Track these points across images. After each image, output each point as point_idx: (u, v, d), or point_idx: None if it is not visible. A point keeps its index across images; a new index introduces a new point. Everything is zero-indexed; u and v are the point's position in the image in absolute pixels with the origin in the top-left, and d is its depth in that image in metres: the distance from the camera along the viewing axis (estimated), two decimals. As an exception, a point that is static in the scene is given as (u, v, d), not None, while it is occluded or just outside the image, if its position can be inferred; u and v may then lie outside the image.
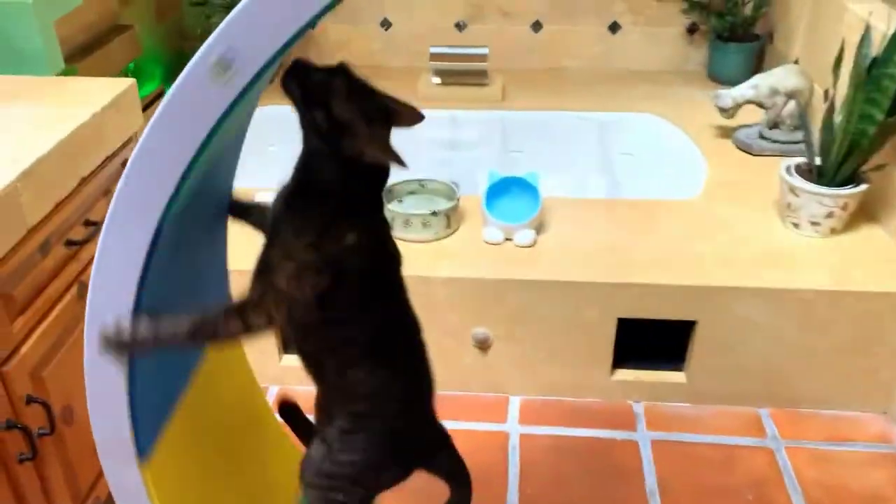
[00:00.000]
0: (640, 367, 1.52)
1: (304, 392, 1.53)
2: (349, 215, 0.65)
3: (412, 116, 0.65)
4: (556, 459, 1.39)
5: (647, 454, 1.40)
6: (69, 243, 1.04)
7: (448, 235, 1.51)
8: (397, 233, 1.49)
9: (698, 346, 1.45)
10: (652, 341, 1.53)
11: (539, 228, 1.52)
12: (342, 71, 0.61)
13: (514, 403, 1.52)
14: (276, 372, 1.54)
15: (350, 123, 0.61)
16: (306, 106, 0.62)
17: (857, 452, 1.40)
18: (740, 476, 1.35)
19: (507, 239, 1.49)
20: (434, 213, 1.47)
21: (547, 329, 1.46)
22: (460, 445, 1.40)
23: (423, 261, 1.45)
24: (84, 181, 1.08)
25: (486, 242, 1.49)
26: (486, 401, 1.53)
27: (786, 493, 1.31)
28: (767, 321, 1.40)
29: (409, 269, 1.42)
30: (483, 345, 1.48)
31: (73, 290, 1.05)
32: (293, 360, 1.56)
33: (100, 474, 1.18)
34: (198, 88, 0.55)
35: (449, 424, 1.45)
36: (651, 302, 1.41)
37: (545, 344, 1.48)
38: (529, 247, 1.48)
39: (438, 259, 1.45)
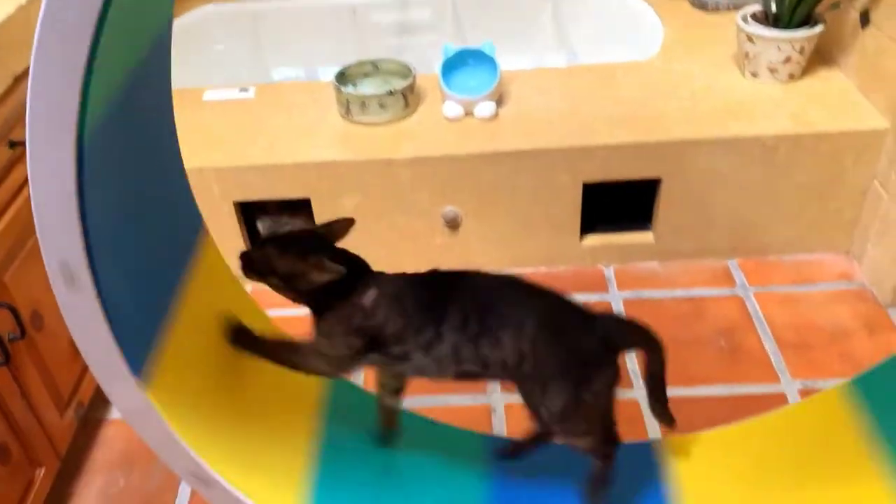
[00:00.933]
0: (608, 232, 1.54)
1: (275, 316, 1.53)
2: (353, 291, 0.75)
3: (344, 226, 0.78)
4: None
5: (619, 312, 1.43)
6: (12, 144, 1.00)
7: (407, 116, 1.48)
8: (355, 116, 1.46)
9: (664, 204, 1.46)
10: (619, 205, 1.54)
11: (499, 101, 1.49)
12: (268, 240, 0.75)
13: (488, 279, 1.54)
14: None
15: (293, 271, 0.72)
16: (263, 279, 0.74)
17: (823, 292, 1.44)
18: (712, 325, 1.39)
19: (468, 114, 1.46)
20: (390, 93, 1.43)
21: (515, 201, 1.45)
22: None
23: (384, 143, 1.42)
24: (19, 79, 1.03)
25: (447, 119, 1.46)
26: (460, 279, 1.54)
27: (756, 336, 1.35)
28: (731, 171, 1.41)
29: (370, 153, 1.40)
30: (453, 223, 1.48)
31: (25, 191, 1.02)
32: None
33: (80, 379, 1.18)
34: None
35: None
36: (615, 163, 1.40)
37: (514, 216, 1.48)
38: (490, 119, 1.45)
39: (399, 140, 1.43)
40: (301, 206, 1.49)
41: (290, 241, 0.74)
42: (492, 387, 1.32)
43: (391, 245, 1.50)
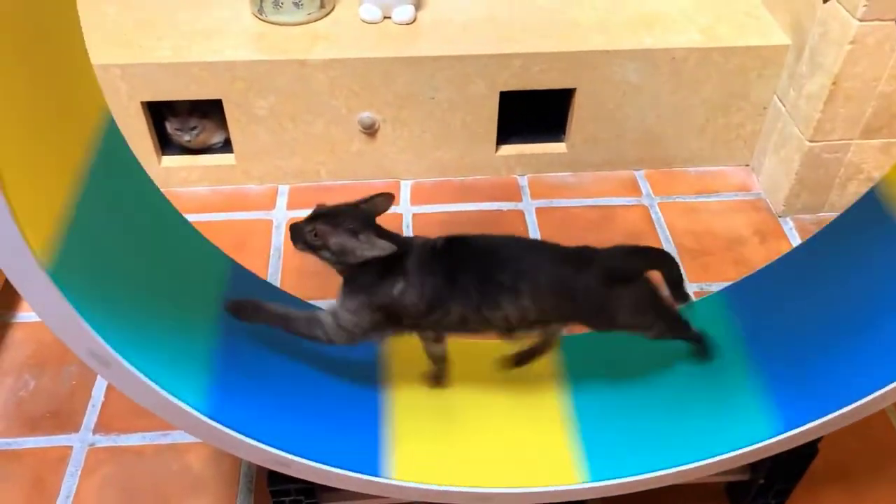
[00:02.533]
0: (523, 142, 1.57)
1: (186, 193, 1.51)
2: (388, 276, 0.79)
3: (385, 202, 0.80)
4: (448, 231, 1.44)
5: (531, 220, 1.47)
6: None
7: (323, 17, 1.44)
8: (268, 15, 1.41)
9: (577, 115, 1.49)
10: (533, 116, 1.57)
11: (417, 5, 1.47)
12: (319, 214, 0.78)
13: (406, 187, 1.55)
14: (157, 175, 1.50)
15: (345, 247, 0.76)
16: (314, 252, 0.78)
17: (722, 202, 1.52)
18: (618, 231, 1.45)
19: (386, 17, 1.44)
20: (306, -8, 1.39)
21: (433, 109, 1.46)
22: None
23: (298, 44, 1.39)
24: None
25: (364, 21, 1.43)
26: (378, 187, 1.54)
27: (658, 242, 1.42)
28: (642, 83, 1.45)
29: (283, 54, 1.37)
30: (370, 129, 1.47)
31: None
32: (173, 161, 1.52)
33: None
34: None
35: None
36: (532, 72, 1.42)
37: (432, 125, 1.48)
38: (409, 24, 1.44)
39: (314, 42, 1.39)
40: (211, 108, 1.45)
41: (342, 217, 0.77)
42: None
43: (307, 151, 1.49)
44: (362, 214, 0.79)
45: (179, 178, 1.51)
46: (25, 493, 1.05)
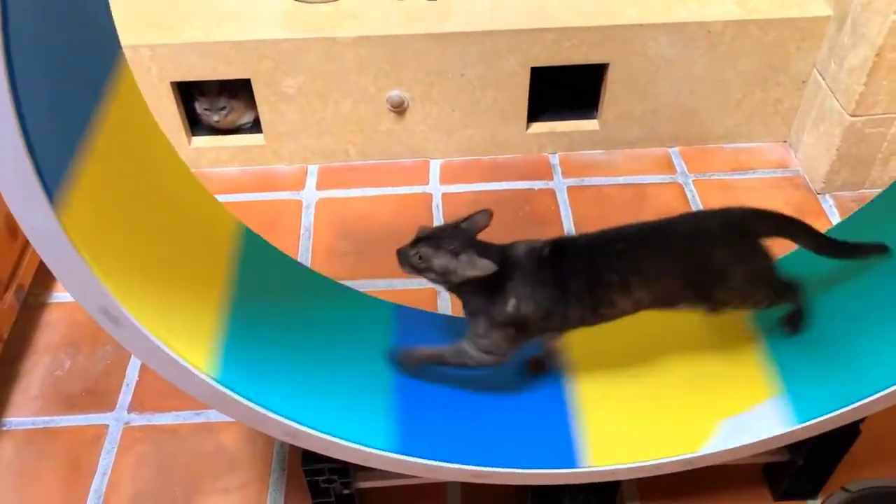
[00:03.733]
0: (554, 119, 1.54)
1: (216, 173, 1.51)
2: (498, 292, 0.82)
3: (484, 219, 0.82)
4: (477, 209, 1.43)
5: (563, 199, 1.45)
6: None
7: (351, -6, 1.43)
8: (297, -6, 1.40)
9: (610, 91, 1.46)
10: (566, 92, 1.54)
11: (446, -20, 1.45)
12: (421, 238, 0.82)
13: (435, 166, 1.53)
14: (187, 155, 1.50)
15: (448, 268, 0.80)
16: (421, 274, 0.82)
17: (759, 179, 1.49)
18: (651, 210, 1.42)
19: (414, -7, 1.42)
20: (334, -31, 1.37)
21: (463, 86, 1.44)
22: (386, 209, 1.44)
23: (327, 22, 1.37)
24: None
25: (392, -2, 1.42)
26: (407, 166, 1.53)
27: (693, 221, 1.40)
28: (677, 58, 1.41)
29: (312, 32, 1.36)
30: (399, 108, 1.46)
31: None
32: (202, 142, 1.52)
33: (19, 261, 1.16)
34: None
35: (373, 191, 1.48)
36: (564, 47, 1.39)
37: (461, 102, 1.46)
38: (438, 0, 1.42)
39: (343, 20, 1.38)
40: (240, 88, 1.44)
41: (443, 239, 0.81)
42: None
43: (336, 131, 1.48)
44: (463, 234, 0.82)
45: (209, 158, 1.51)
46: (63, 470, 1.06)
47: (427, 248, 0.81)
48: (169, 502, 1.03)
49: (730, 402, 0.89)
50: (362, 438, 0.82)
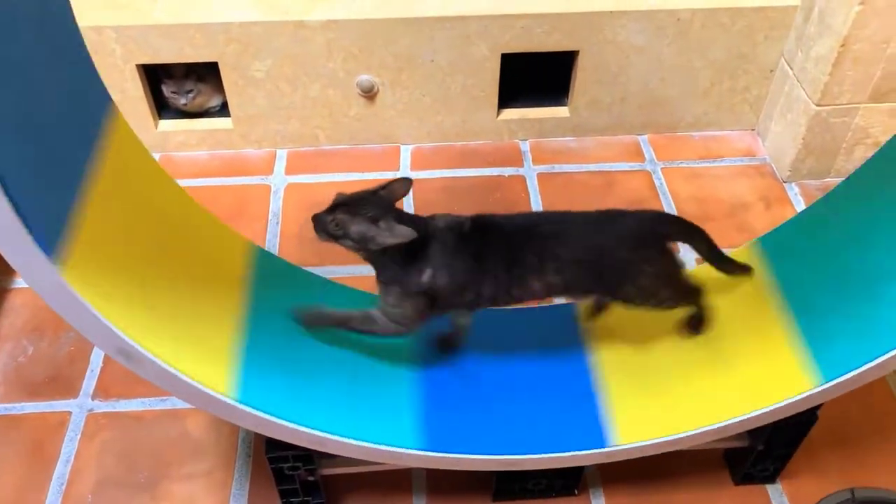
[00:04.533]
0: (525, 106, 1.54)
1: (184, 157, 1.49)
2: (414, 262, 0.81)
3: (402, 187, 0.81)
4: (449, 198, 1.43)
5: (533, 186, 1.45)
6: None
7: (321, -23, 1.41)
8: (265, -23, 1.38)
9: (581, 78, 1.47)
10: (537, 79, 1.54)
11: (417, -36, 1.43)
12: (338, 204, 0.79)
13: (406, 152, 1.53)
14: (154, 139, 1.48)
15: (365, 235, 0.77)
16: (336, 241, 0.80)
17: (727, 167, 1.50)
18: (620, 197, 1.43)
19: (384, -23, 1.41)
20: (302, -49, 1.36)
21: (433, 72, 1.43)
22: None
23: (296, 5, 1.35)
24: None
25: (362, -18, 1.40)
26: (377, 152, 1.53)
27: (661, 207, 1.41)
28: (647, 45, 1.41)
29: (280, 15, 1.34)
30: (369, 93, 1.45)
31: None
32: (170, 125, 1.50)
33: None
34: None
35: (343, 177, 1.48)
36: (535, 33, 1.39)
37: (432, 88, 1.46)
38: (408, -16, 1.41)
39: (313, 3, 1.36)
40: (208, 71, 1.43)
41: (361, 205, 0.79)
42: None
43: (305, 115, 1.47)
44: (381, 201, 0.80)
45: (177, 142, 1.49)
46: (25, 457, 1.05)
47: (344, 214, 0.78)
48: (133, 488, 1.02)
49: (764, 396, 0.88)
50: (391, 440, 0.84)
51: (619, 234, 0.84)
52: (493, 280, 0.82)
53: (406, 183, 0.81)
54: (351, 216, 0.78)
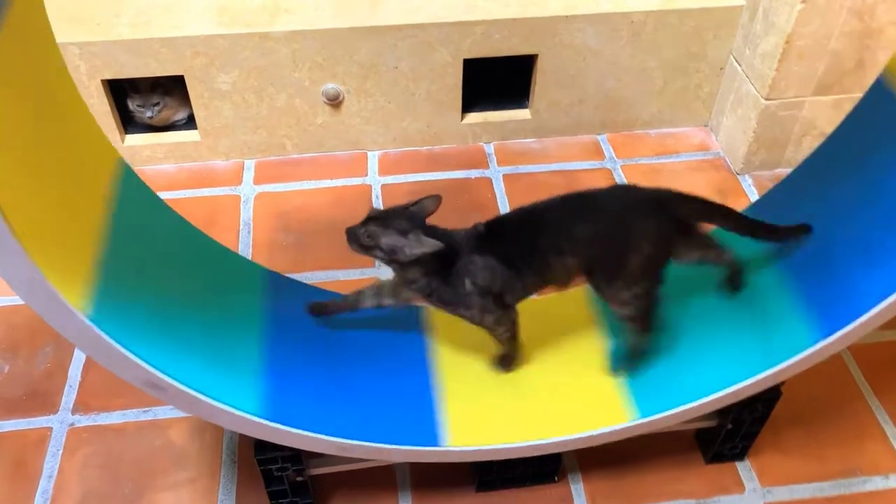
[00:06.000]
0: (488, 110, 1.58)
1: (152, 171, 1.49)
2: (450, 277, 0.86)
3: (433, 203, 0.85)
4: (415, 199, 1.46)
5: (499, 187, 1.49)
6: None
7: (282, -11, 1.43)
8: (227, -10, 1.40)
9: (540, 81, 1.51)
10: (498, 83, 1.58)
11: (377, -26, 1.47)
12: (371, 217, 0.84)
13: (373, 158, 1.56)
14: (121, 152, 1.48)
15: (395, 246, 0.82)
16: (370, 253, 0.84)
17: (683, 162, 1.56)
18: (584, 195, 1.48)
19: (346, -13, 1.44)
20: (264, -36, 1.38)
21: (397, 79, 1.46)
22: (326, 201, 1.46)
23: (260, 17, 1.38)
24: None
25: (324, -8, 1.43)
26: (344, 158, 1.55)
27: (623, 204, 1.46)
28: (602, 48, 1.47)
29: (245, 27, 1.36)
30: (334, 101, 1.47)
31: None
32: (137, 140, 1.50)
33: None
34: None
35: (311, 184, 1.50)
36: (494, 39, 1.43)
37: (396, 94, 1.49)
38: (369, -6, 1.44)
39: (276, 14, 1.38)
40: (173, 84, 1.43)
41: (392, 218, 0.83)
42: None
43: (272, 125, 1.49)
44: (412, 216, 0.84)
45: (144, 156, 1.50)
46: (7, 475, 1.05)
47: (376, 226, 0.83)
48: (119, 501, 1.03)
49: (584, 420, 0.93)
50: (230, 399, 0.79)
51: (629, 202, 0.88)
52: (525, 267, 0.86)
53: (436, 199, 0.85)
54: (382, 228, 0.82)
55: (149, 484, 1.05)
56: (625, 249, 0.86)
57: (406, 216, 0.84)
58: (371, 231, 0.83)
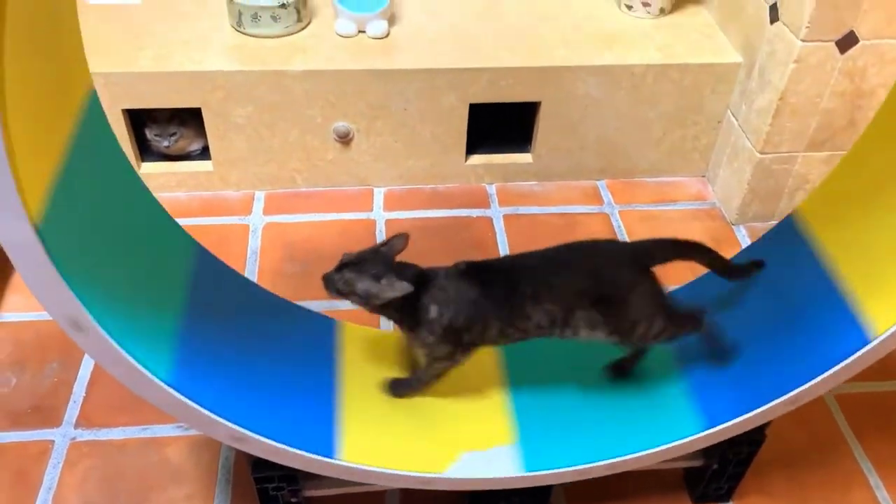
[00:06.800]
0: (491, 152, 1.64)
1: (163, 198, 1.54)
2: (420, 306, 0.89)
3: (400, 243, 0.90)
4: (419, 237, 1.47)
5: (499, 226, 1.54)
6: None
7: (300, 30, 1.50)
8: (247, 28, 1.46)
9: (543, 127, 1.57)
10: (502, 127, 1.64)
11: (391, 20, 1.53)
12: (345, 264, 0.88)
13: (379, 194, 1.61)
14: (136, 180, 1.53)
15: (370, 291, 0.86)
16: (346, 298, 0.88)
17: (679, 210, 1.61)
18: (582, 237, 1.50)
19: (361, 31, 1.50)
20: (283, 5, 1.44)
21: (405, 120, 1.52)
22: (332, 233, 1.50)
23: (276, 56, 1.44)
24: None
25: (339, 35, 1.49)
26: (352, 194, 1.60)
27: (619, 248, 1.50)
28: (604, 97, 1.53)
29: (261, 65, 1.42)
30: (344, 139, 1.53)
31: None
32: (152, 168, 1.55)
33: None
34: None
35: (318, 217, 1.54)
36: (500, 86, 1.49)
37: (404, 134, 1.54)
38: (383, 38, 1.50)
39: (292, 54, 1.45)
40: (190, 116, 1.49)
41: (365, 264, 0.87)
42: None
43: (283, 159, 1.54)
44: (383, 258, 0.89)
45: (158, 183, 1.55)
46: (8, 486, 1.07)
47: (351, 273, 0.87)
48: (115, 515, 1.05)
49: (473, 438, 0.96)
50: (145, 358, 0.76)
51: (609, 254, 0.92)
52: (497, 311, 0.88)
53: (403, 239, 0.90)
54: (357, 274, 0.86)
55: (145, 498, 1.07)
56: (623, 294, 0.89)
57: (378, 259, 0.88)
58: (347, 278, 0.87)
